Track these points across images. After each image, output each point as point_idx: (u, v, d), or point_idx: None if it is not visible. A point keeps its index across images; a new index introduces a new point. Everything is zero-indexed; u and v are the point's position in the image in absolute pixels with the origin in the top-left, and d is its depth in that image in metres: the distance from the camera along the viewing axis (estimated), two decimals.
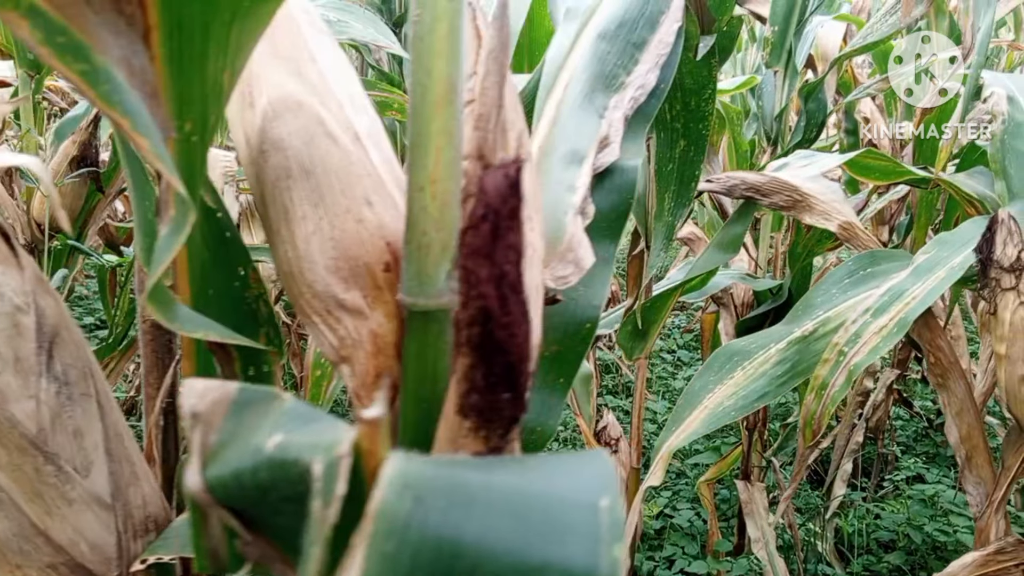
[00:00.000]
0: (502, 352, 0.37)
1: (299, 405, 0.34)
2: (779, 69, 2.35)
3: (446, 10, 0.44)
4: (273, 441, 0.31)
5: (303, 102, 0.56)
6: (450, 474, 0.30)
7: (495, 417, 0.38)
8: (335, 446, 0.29)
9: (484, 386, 0.38)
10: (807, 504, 2.95)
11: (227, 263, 0.60)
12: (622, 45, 0.83)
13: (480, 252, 0.36)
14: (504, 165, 0.37)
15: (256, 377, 0.58)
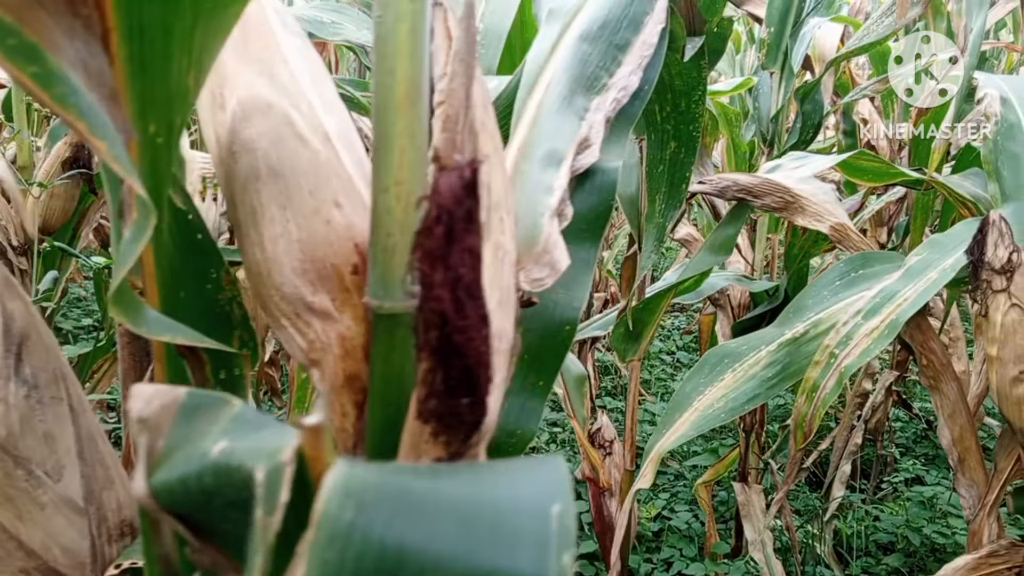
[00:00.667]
0: (460, 356, 0.36)
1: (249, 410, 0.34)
2: (775, 70, 2.35)
3: (408, 11, 0.43)
4: (218, 447, 0.31)
5: (273, 103, 0.56)
6: (395, 481, 0.30)
7: (455, 422, 0.38)
8: (278, 453, 0.29)
9: (443, 391, 0.37)
10: (806, 506, 2.94)
11: (199, 265, 0.59)
12: (604, 47, 0.83)
13: (434, 255, 0.35)
14: (459, 167, 0.36)
15: (227, 381, 0.58)
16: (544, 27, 0.86)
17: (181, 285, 0.59)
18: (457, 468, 0.32)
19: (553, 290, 0.72)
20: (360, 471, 0.29)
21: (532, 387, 0.70)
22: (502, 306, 0.52)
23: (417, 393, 0.38)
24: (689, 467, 3.10)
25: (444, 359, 0.37)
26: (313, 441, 0.29)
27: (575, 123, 0.74)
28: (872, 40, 2.18)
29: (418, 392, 0.38)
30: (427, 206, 0.36)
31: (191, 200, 0.59)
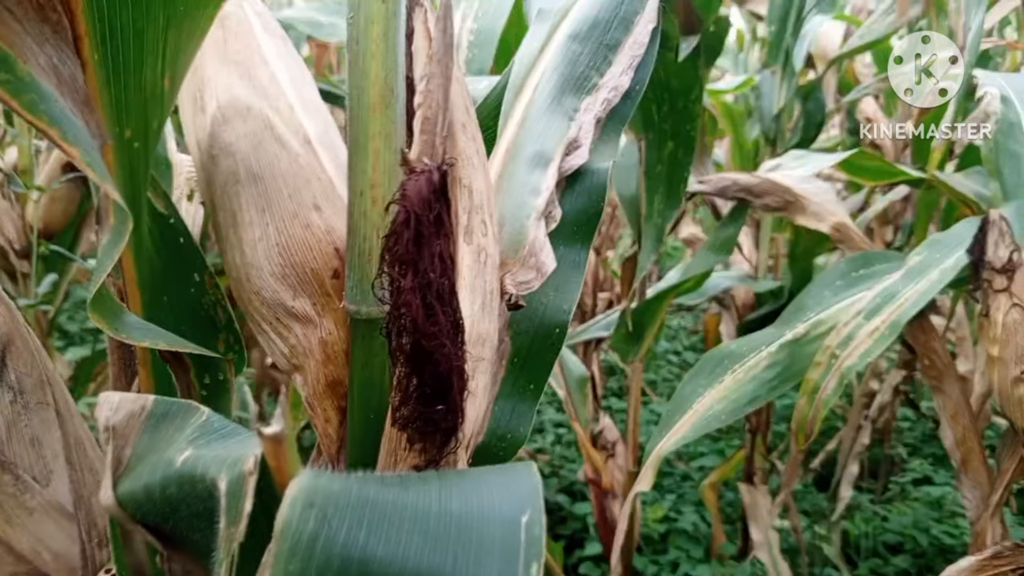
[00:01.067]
0: (432, 363, 0.36)
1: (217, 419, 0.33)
2: (777, 69, 2.33)
3: (379, 12, 0.43)
4: (183, 456, 0.30)
5: (252, 106, 0.55)
6: (360, 491, 0.29)
7: (430, 429, 0.37)
8: (240, 462, 0.29)
9: (417, 397, 0.37)
10: (813, 507, 2.92)
11: (181, 269, 0.59)
12: (594, 46, 0.82)
13: (403, 260, 0.35)
14: (428, 170, 0.36)
15: (212, 385, 0.57)
16: (533, 26, 0.85)
17: (164, 289, 0.58)
18: (426, 477, 0.31)
19: (543, 292, 0.71)
20: (324, 481, 0.29)
21: (523, 390, 0.69)
22: (485, 310, 0.51)
23: (391, 400, 0.38)
24: (696, 468, 3.09)
25: (417, 366, 0.36)
26: (274, 451, 0.28)
27: (564, 124, 0.74)
28: (873, 38, 2.16)
29: (392, 399, 0.38)
30: (396, 210, 0.35)
31: (173, 204, 0.59)
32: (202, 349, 0.53)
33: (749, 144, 3.14)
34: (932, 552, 2.59)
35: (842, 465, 2.94)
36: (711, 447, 3.18)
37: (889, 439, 3.09)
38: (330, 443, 0.52)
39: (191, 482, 0.29)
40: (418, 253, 0.35)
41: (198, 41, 0.49)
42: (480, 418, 0.53)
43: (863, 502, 2.92)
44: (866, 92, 2.37)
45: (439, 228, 0.36)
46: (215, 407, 0.57)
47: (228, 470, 0.28)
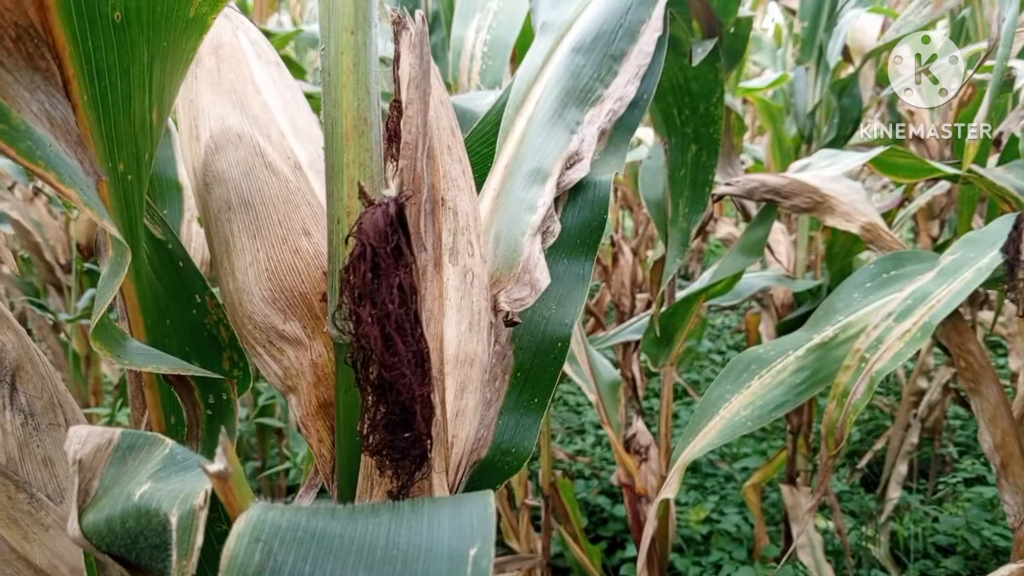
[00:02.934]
0: (394, 392, 0.36)
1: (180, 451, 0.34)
2: (810, 65, 2.29)
3: (349, 43, 0.43)
4: (141, 490, 0.31)
5: (244, 134, 0.56)
6: (308, 524, 0.30)
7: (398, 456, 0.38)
8: (191, 497, 0.29)
9: (384, 425, 0.37)
10: (861, 508, 2.87)
11: (182, 292, 0.61)
12: (599, 58, 0.82)
13: (360, 292, 0.35)
14: (384, 202, 0.36)
15: (216, 405, 0.59)
16: (536, 40, 0.85)
17: (166, 313, 0.60)
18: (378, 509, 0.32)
19: (545, 306, 0.71)
20: (273, 515, 0.30)
21: (527, 404, 0.69)
22: (473, 329, 0.52)
23: (360, 427, 0.38)
24: (739, 469, 3.05)
25: (382, 395, 0.37)
26: (222, 487, 0.29)
27: (565, 138, 0.73)
28: (909, 31, 2.11)
29: (360, 426, 0.38)
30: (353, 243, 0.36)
31: (171, 230, 0.60)
32: (203, 371, 0.55)
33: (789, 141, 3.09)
34: (985, 554, 2.52)
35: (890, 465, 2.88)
36: (755, 447, 3.14)
37: (939, 438, 3.01)
38: (324, 463, 0.52)
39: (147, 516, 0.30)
40: (376, 285, 0.36)
41: (182, 73, 0.50)
42: (471, 437, 0.53)
43: (912, 503, 2.86)
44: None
45: (398, 259, 0.36)
46: (219, 426, 0.59)
47: (180, 505, 0.29)
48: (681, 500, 2.89)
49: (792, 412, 2.38)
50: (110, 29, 0.43)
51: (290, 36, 2.19)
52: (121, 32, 0.44)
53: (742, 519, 2.75)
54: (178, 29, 0.46)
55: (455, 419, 0.50)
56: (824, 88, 2.27)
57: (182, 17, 0.46)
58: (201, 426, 0.56)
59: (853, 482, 2.99)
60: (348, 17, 0.43)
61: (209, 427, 0.56)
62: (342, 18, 0.43)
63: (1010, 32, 1.33)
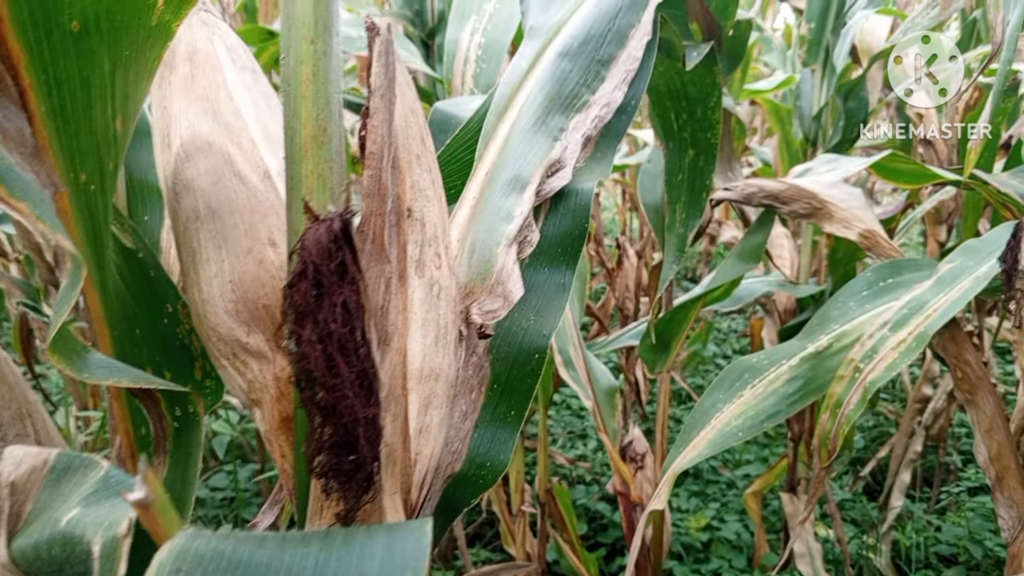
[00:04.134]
0: (337, 415, 0.35)
1: (116, 474, 0.34)
2: (816, 67, 2.28)
3: (308, 53, 0.43)
4: (69, 515, 0.31)
5: (214, 142, 0.56)
6: (232, 554, 0.29)
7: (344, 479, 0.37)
8: (115, 525, 0.29)
9: (328, 447, 0.36)
10: (863, 516, 2.84)
11: (153, 302, 0.60)
12: (586, 63, 0.81)
13: (302, 311, 0.34)
14: (329, 218, 0.35)
15: (183, 417, 0.58)
16: (523, 45, 0.84)
17: (136, 323, 0.59)
18: (309, 538, 0.31)
19: (524, 316, 0.70)
20: (197, 543, 0.29)
21: (503, 417, 0.68)
22: (439, 343, 0.51)
23: (305, 449, 0.37)
24: (741, 476, 3.03)
25: (326, 416, 0.36)
26: (145, 515, 0.28)
27: (547, 145, 0.73)
28: (917, 33, 2.09)
29: (306, 448, 0.37)
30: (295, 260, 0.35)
31: (141, 238, 0.60)
32: (168, 384, 0.54)
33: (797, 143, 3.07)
34: (987, 565, 2.50)
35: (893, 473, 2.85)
36: (757, 454, 3.12)
37: (944, 446, 2.98)
38: (287, 479, 0.52)
39: (71, 543, 0.30)
40: (317, 304, 0.35)
41: (148, 80, 0.50)
42: (437, 453, 0.52)
43: (915, 512, 2.83)
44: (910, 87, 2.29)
45: (343, 277, 0.35)
46: (186, 439, 0.58)
47: (104, 533, 0.28)
48: (682, 507, 2.88)
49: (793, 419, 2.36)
50: (68, 39, 0.43)
51: None
52: (80, 41, 0.43)
53: (743, 527, 2.73)
54: (140, 37, 0.45)
55: (419, 435, 0.49)
56: (830, 91, 2.25)
57: (144, 25, 0.45)
58: (169, 439, 0.56)
59: (856, 490, 2.97)
60: (307, 26, 0.42)
61: (177, 440, 0.56)
62: (301, 27, 0.42)
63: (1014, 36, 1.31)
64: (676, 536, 2.74)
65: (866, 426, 3.45)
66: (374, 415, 0.37)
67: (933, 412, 2.98)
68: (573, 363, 1.85)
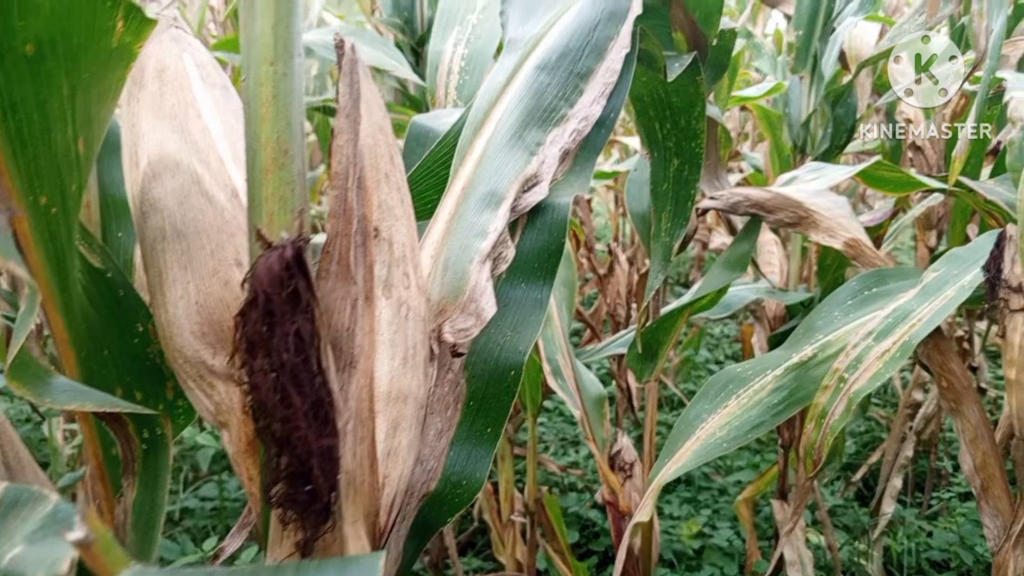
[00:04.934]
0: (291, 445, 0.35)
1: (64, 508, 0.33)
2: (804, 74, 2.28)
3: (268, 75, 0.42)
4: (12, 553, 0.30)
5: (182, 161, 0.55)
6: None
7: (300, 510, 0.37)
8: (56, 564, 0.28)
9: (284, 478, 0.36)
10: (855, 522, 2.84)
11: (122, 321, 0.59)
12: (564, 76, 0.80)
13: (253, 341, 0.34)
14: (281, 246, 0.35)
15: (151, 440, 0.57)
16: (501, 58, 0.84)
17: (104, 344, 0.59)
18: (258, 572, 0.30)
19: (500, 332, 0.70)
20: None
21: (480, 434, 0.68)
22: (407, 364, 0.50)
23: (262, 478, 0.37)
24: (733, 482, 3.03)
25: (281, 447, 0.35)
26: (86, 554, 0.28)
27: (523, 159, 0.72)
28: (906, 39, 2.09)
29: (263, 477, 0.37)
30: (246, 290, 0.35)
31: (110, 257, 0.59)
32: (133, 407, 0.53)
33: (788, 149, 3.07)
34: (978, 571, 2.50)
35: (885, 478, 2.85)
36: (748, 461, 3.12)
37: (935, 451, 2.98)
38: (255, 503, 0.51)
39: None
40: (269, 333, 0.34)
41: (112, 101, 0.49)
42: (405, 476, 0.52)
43: (907, 517, 2.83)
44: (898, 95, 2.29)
45: (295, 306, 0.35)
46: (155, 461, 0.57)
47: (46, 572, 0.28)
48: (674, 514, 2.87)
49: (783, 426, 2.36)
50: (22, 62, 0.42)
51: None
52: (35, 65, 0.42)
53: (734, 534, 2.73)
54: (100, 59, 0.45)
55: (387, 458, 0.49)
56: (818, 98, 2.25)
57: (104, 47, 0.45)
58: (137, 460, 0.55)
59: (847, 496, 2.97)
60: (267, 48, 0.42)
61: (145, 462, 0.55)
62: (261, 49, 0.42)
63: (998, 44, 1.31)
64: (668, 543, 2.73)
65: (857, 431, 3.45)
66: (329, 446, 0.36)
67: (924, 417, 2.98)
68: (561, 372, 1.84)
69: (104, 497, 0.57)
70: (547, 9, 0.91)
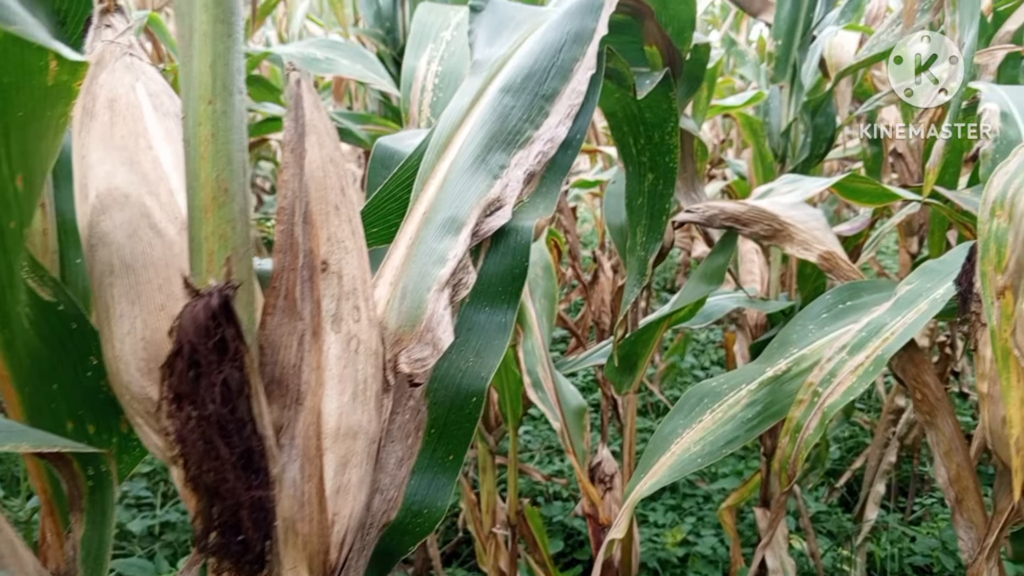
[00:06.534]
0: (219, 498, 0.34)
1: None
2: (784, 84, 2.29)
3: (207, 113, 0.42)
4: None
5: (131, 194, 0.55)
6: None
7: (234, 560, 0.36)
8: None
9: (216, 527, 0.35)
10: (839, 528, 2.85)
11: (74, 355, 0.59)
12: (530, 98, 0.80)
13: (178, 392, 0.33)
14: (207, 294, 0.34)
15: (96, 476, 0.57)
16: (466, 80, 0.84)
17: (53, 378, 0.58)
18: None
19: (463, 358, 0.69)
20: None
21: (441, 462, 0.67)
22: (357, 400, 0.50)
23: (194, 526, 0.36)
24: (717, 489, 3.03)
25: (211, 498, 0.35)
26: None
27: (486, 183, 0.72)
28: (883, 49, 2.10)
29: (195, 525, 0.36)
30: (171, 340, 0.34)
31: (63, 289, 0.58)
32: (74, 445, 0.52)
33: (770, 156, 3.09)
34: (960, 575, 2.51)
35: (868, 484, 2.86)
36: (732, 467, 3.12)
37: (918, 456, 2.99)
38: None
39: None
40: (195, 384, 0.34)
41: (55, 137, 0.49)
42: (357, 513, 0.51)
43: (890, 523, 2.84)
44: (877, 104, 2.31)
45: (222, 355, 0.34)
46: (101, 498, 0.57)
47: None
48: (659, 522, 2.87)
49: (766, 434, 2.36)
50: None
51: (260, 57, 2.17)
52: None
53: (718, 541, 2.73)
54: (36, 98, 0.44)
55: (336, 495, 0.48)
56: (798, 107, 2.26)
57: (39, 86, 0.44)
58: (84, 497, 0.54)
59: (831, 502, 2.97)
60: (205, 87, 0.41)
61: (92, 499, 0.54)
62: (199, 87, 0.41)
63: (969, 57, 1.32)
64: (652, 551, 2.73)
65: (841, 436, 3.46)
66: (261, 497, 0.36)
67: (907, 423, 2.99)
68: (542, 384, 1.84)
69: (54, 532, 0.56)
70: (514, 30, 0.91)
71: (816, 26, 2.31)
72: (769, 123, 2.36)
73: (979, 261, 1.01)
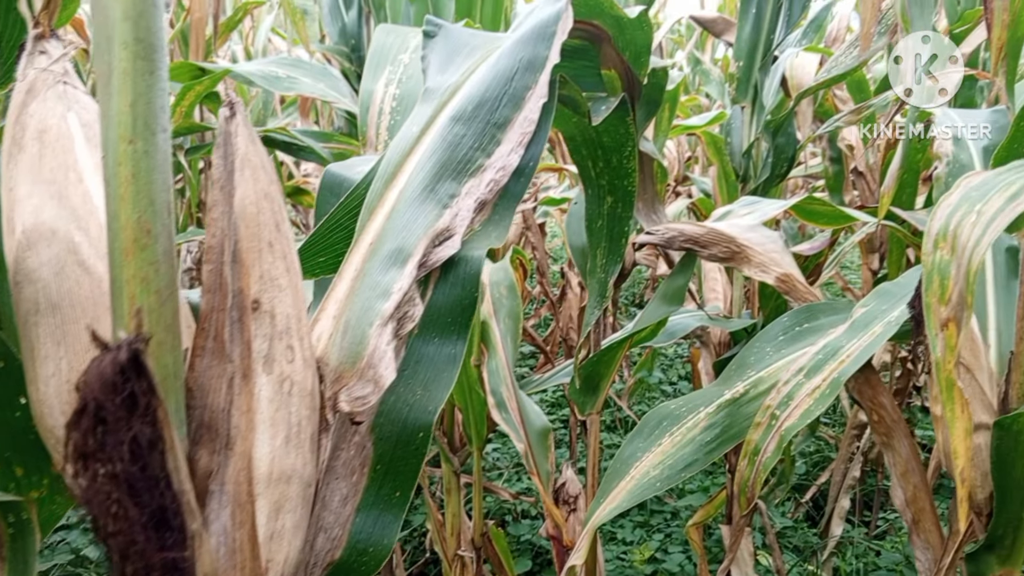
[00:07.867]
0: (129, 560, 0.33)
1: None
2: (746, 104, 2.31)
3: (127, 153, 0.40)
4: None
5: (58, 229, 0.53)
6: None
7: None
8: None
9: None
10: (805, 543, 2.86)
11: (2, 395, 0.57)
12: (481, 126, 0.79)
13: (83, 451, 0.32)
14: (115, 348, 0.33)
15: (16, 523, 0.55)
16: (417, 108, 0.83)
17: None
18: None
19: (410, 391, 0.68)
20: None
21: (388, 499, 0.66)
22: (290, 443, 0.49)
23: None
24: (685, 506, 3.03)
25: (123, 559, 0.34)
26: None
27: (435, 213, 0.71)
28: (841, 71, 2.14)
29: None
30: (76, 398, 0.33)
31: None
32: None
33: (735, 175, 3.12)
34: None
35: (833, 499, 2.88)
36: (699, 484, 3.12)
37: (882, 471, 3.02)
38: None
39: None
40: (101, 443, 0.33)
41: None
42: (292, 559, 0.50)
43: (855, 537, 2.86)
44: (836, 124, 2.34)
45: (131, 411, 0.33)
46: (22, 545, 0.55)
47: None
48: (627, 539, 2.87)
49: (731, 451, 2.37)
50: None
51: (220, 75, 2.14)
52: None
53: (686, 558, 2.73)
54: None
55: (270, 542, 0.47)
56: (759, 127, 2.29)
57: None
58: (5, 545, 0.52)
59: (797, 517, 2.99)
60: (125, 126, 0.40)
61: (13, 546, 0.52)
62: (119, 127, 0.40)
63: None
64: (620, 569, 2.72)
65: (807, 451, 3.48)
66: (175, 558, 0.34)
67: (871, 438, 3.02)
68: (506, 404, 1.83)
69: None
70: (467, 56, 0.90)
71: (777, 47, 2.34)
72: (731, 143, 2.38)
73: (924, 293, 1.03)
